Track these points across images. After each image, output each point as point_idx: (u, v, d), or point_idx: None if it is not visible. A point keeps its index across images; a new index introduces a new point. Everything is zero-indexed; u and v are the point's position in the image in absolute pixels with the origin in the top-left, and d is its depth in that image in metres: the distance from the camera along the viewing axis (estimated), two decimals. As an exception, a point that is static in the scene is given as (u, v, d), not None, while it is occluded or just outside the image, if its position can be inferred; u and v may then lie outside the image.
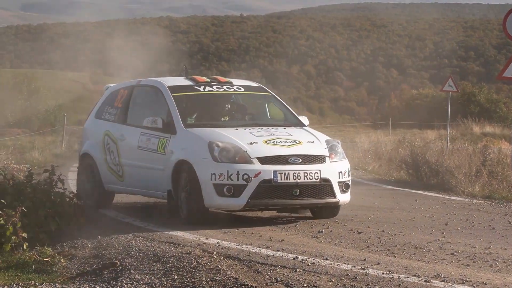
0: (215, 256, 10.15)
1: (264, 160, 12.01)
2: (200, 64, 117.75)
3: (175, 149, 12.74)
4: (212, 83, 13.99)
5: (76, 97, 77.96)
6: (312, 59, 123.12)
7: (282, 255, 10.07)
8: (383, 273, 8.88)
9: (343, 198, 12.61)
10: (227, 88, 14.00)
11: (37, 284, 9.82)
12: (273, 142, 12.40)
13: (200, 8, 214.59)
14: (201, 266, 9.77)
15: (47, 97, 61.88)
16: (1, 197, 12.47)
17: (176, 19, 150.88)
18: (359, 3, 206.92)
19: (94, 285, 9.59)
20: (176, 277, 9.35)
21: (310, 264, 9.47)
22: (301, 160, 12.24)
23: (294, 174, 12.01)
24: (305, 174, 12.08)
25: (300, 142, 12.61)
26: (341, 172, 12.55)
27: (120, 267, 10.17)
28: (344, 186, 12.60)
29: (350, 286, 8.36)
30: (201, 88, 13.76)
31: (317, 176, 12.19)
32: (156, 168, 13.08)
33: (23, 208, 12.11)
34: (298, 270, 9.18)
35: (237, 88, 14.16)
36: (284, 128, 13.39)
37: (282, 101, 14.62)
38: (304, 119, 14.08)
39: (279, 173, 11.92)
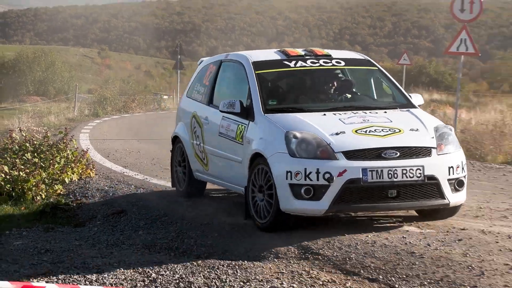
0: (197, 203, 10.42)
1: (351, 155, 8.28)
2: (192, 41, 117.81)
3: (252, 139, 9.14)
4: (307, 57, 10.16)
5: (86, 69, 78.09)
6: (288, 37, 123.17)
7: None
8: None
9: (455, 198, 8.62)
10: (323, 62, 10.14)
11: (53, 227, 9.96)
12: (365, 131, 8.64)
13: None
14: (187, 213, 10.01)
15: (62, 69, 60.93)
16: (23, 154, 12.58)
17: (172, 2, 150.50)
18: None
19: (102, 229, 9.76)
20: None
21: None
22: (398, 153, 8.41)
23: (390, 172, 8.27)
24: (404, 171, 8.31)
25: (400, 131, 8.76)
26: (452, 167, 8.59)
27: (124, 214, 10.33)
28: (457, 184, 8.63)
29: None
30: (292, 64, 9.99)
31: (420, 173, 8.35)
32: (235, 160, 9.60)
33: (41, 163, 12.30)
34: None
35: (336, 62, 10.25)
36: (385, 112, 9.41)
37: (390, 76, 10.45)
38: (417, 98, 10.13)
39: (369, 170, 8.19)
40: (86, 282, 7.32)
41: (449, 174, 8.50)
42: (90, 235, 9.45)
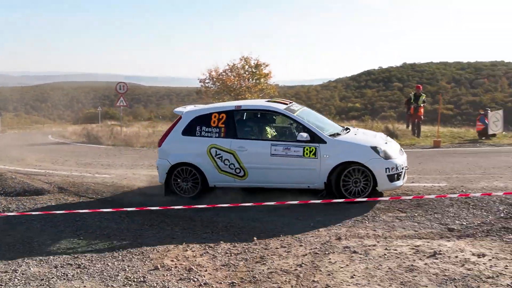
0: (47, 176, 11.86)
1: (397, 155, 9.41)
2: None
3: (330, 154, 9.27)
4: (287, 104, 10.25)
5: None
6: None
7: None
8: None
9: None
10: (295, 106, 10.28)
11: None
12: (385, 142, 9.67)
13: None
14: (40, 179, 11.63)
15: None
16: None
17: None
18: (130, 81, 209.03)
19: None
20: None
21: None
22: (402, 151, 9.72)
23: (405, 161, 9.66)
24: (406, 160, 9.68)
25: (386, 140, 9.88)
26: None
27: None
28: None
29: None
30: (293, 107, 10.09)
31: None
32: (305, 168, 9.34)
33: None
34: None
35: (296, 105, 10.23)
36: (357, 129, 10.54)
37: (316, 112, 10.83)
38: None
39: (405, 161, 9.57)
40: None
41: None
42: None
